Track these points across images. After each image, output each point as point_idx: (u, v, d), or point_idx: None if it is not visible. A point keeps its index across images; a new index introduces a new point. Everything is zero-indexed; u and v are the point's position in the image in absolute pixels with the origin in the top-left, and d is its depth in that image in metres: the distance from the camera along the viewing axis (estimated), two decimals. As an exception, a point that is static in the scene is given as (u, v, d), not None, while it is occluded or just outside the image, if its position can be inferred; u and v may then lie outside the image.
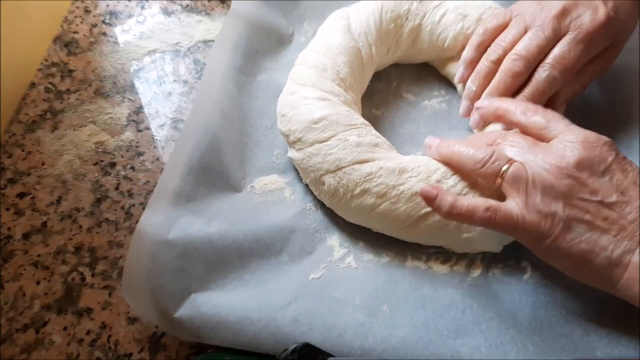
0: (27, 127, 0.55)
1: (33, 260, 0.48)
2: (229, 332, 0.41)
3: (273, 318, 0.41)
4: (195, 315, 0.42)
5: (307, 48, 0.53)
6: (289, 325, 0.41)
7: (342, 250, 0.47)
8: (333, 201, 0.46)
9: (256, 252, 0.45)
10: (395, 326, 0.42)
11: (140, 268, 0.43)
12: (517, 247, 0.46)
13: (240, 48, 0.55)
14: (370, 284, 0.44)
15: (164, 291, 0.42)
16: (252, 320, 0.41)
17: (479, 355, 0.41)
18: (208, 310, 0.42)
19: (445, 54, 0.55)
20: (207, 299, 0.42)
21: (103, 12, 0.63)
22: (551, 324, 0.42)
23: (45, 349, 0.44)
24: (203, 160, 0.48)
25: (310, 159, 0.46)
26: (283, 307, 0.42)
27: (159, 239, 0.43)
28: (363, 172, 0.45)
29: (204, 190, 0.47)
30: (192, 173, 0.47)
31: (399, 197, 0.44)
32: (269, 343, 0.41)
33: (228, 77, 0.53)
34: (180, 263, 0.43)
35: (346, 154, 0.45)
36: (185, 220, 0.45)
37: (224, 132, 0.50)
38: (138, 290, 0.43)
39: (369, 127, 0.48)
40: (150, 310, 0.42)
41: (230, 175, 0.49)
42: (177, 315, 0.42)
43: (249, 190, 0.49)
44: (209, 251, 0.44)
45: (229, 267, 0.44)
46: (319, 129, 0.46)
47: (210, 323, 0.41)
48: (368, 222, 0.46)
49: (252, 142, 0.52)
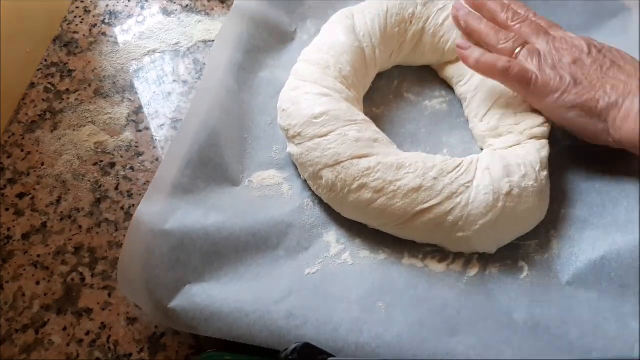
0: (27, 127, 0.55)
1: (33, 260, 0.48)
2: (223, 323, 0.41)
3: (267, 311, 0.41)
4: (190, 306, 0.42)
5: (311, 45, 0.53)
6: (283, 319, 0.41)
7: (339, 246, 0.47)
8: (331, 196, 0.47)
9: (252, 245, 0.45)
10: (391, 323, 0.42)
11: (135, 258, 0.43)
12: (514, 247, 0.46)
13: (242, 45, 0.55)
14: (366, 280, 0.44)
15: (158, 281, 0.42)
16: (246, 313, 0.41)
17: (473, 355, 0.41)
18: (202, 301, 0.42)
19: (445, 58, 0.55)
20: (201, 291, 0.42)
21: (103, 12, 0.63)
22: (547, 325, 0.42)
23: (45, 350, 0.45)
24: (202, 153, 0.48)
25: (309, 154, 0.47)
26: (278, 301, 0.42)
27: (155, 230, 0.44)
28: (361, 166, 0.45)
29: (202, 183, 0.48)
30: (191, 166, 0.47)
31: (396, 192, 0.44)
32: (263, 336, 0.41)
33: (229, 73, 0.53)
34: (175, 254, 0.43)
35: (345, 149, 0.45)
36: (182, 211, 0.45)
37: (224, 127, 0.50)
38: (133, 280, 0.43)
39: (369, 122, 0.48)
40: (145, 301, 0.43)
41: (228, 169, 0.49)
42: (172, 306, 0.42)
43: (246, 184, 0.50)
44: (205, 243, 0.44)
45: (225, 260, 0.44)
46: (319, 123, 0.47)
47: (204, 314, 0.41)
48: (365, 217, 0.47)
49: (251, 137, 0.52)
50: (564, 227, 0.47)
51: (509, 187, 0.44)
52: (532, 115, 0.49)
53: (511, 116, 0.49)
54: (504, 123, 0.49)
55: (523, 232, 0.46)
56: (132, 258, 0.43)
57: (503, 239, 0.46)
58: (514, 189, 0.44)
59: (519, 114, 0.49)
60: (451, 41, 0.53)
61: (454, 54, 0.53)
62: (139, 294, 0.43)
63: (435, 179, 0.44)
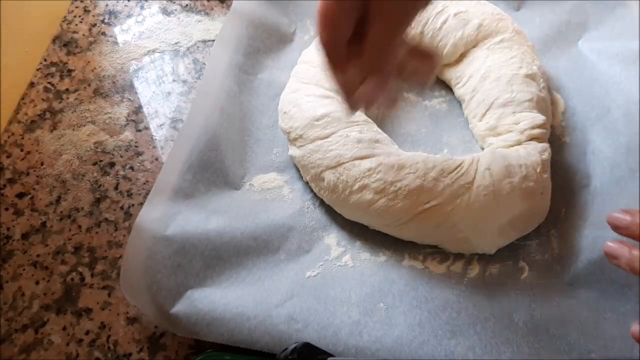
0: (26, 126, 0.55)
1: (32, 260, 0.48)
2: (225, 328, 0.41)
3: (268, 315, 0.42)
4: (192, 311, 0.42)
5: (311, 46, 0.53)
6: (284, 323, 0.41)
7: (340, 249, 0.47)
8: (332, 197, 0.47)
9: (253, 249, 0.45)
10: (390, 325, 0.42)
11: (137, 264, 0.43)
12: (514, 248, 0.46)
13: (241, 46, 0.55)
14: (366, 282, 0.44)
15: (160, 287, 0.42)
16: (247, 317, 0.41)
17: (472, 356, 0.41)
18: (204, 306, 0.42)
19: (443, 61, 0.55)
20: (203, 296, 0.43)
21: (102, 12, 0.63)
22: (547, 326, 0.42)
23: (45, 349, 0.44)
24: (202, 157, 0.48)
25: (310, 156, 0.47)
26: (278, 305, 0.42)
27: (156, 235, 0.44)
28: (363, 167, 0.45)
29: (203, 187, 0.48)
30: (191, 170, 0.47)
31: (397, 193, 0.44)
32: (264, 340, 0.41)
33: (229, 75, 0.53)
34: (177, 259, 0.43)
35: (347, 150, 0.46)
36: (183, 216, 0.45)
37: (224, 130, 0.50)
38: (136, 285, 0.43)
39: (370, 123, 0.48)
40: (147, 306, 0.43)
41: (229, 172, 0.49)
42: (174, 312, 0.42)
43: (247, 188, 0.50)
44: (206, 248, 0.44)
45: (226, 264, 0.44)
46: (320, 125, 0.47)
47: (206, 319, 0.41)
48: (366, 218, 0.47)
49: (251, 140, 0.52)
50: (564, 227, 0.47)
51: (510, 188, 0.44)
52: (532, 114, 0.49)
53: (510, 115, 0.49)
54: (503, 122, 0.49)
55: (523, 233, 0.46)
56: (134, 263, 0.43)
57: (503, 240, 0.46)
58: (514, 190, 0.44)
59: (518, 113, 0.49)
60: (449, 45, 0.53)
61: (452, 57, 0.54)
62: (142, 299, 0.43)
63: (436, 179, 0.44)
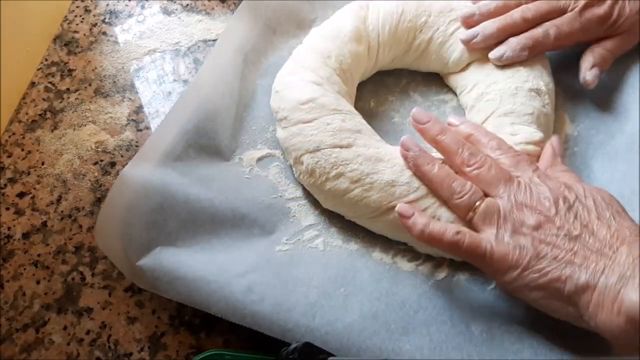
0: (27, 126, 0.55)
1: (33, 259, 0.48)
2: (184, 288, 0.42)
3: (228, 283, 0.42)
4: (156, 266, 0.43)
5: (320, 28, 0.53)
6: (241, 293, 0.42)
7: (314, 232, 0.47)
8: (310, 181, 0.47)
9: (229, 219, 0.46)
10: (345, 312, 0.42)
11: (115, 214, 0.44)
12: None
13: (257, 26, 0.56)
14: (331, 268, 0.45)
15: (132, 239, 0.43)
16: (207, 281, 0.42)
17: (419, 356, 0.40)
18: (169, 264, 0.43)
19: (449, 69, 0.54)
20: (171, 254, 0.43)
21: (103, 12, 0.63)
22: (502, 339, 0.41)
23: (45, 349, 0.44)
24: (198, 124, 0.49)
25: (292, 138, 0.47)
26: (240, 275, 0.43)
27: (138, 191, 0.44)
28: (340, 156, 0.45)
29: (193, 153, 0.48)
30: (185, 135, 0.48)
31: (372, 185, 0.44)
32: (219, 306, 0.41)
33: (239, 51, 0.54)
34: (153, 216, 0.44)
35: (327, 137, 0.46)
36: (168, 177, 0.46)
37: (224, 103, 0.51)
38: (109, 234, 0.44)
39: (355, 114, 0.49)
40: (116, 255, 0.44)
41: (221, 144, 0.50)
42: (139, 264, 0.43)
43: (237, 161, 0.50)
44: (183, 210, 0.45)
45: (199, 229, 0.45)
46: (305, 109, 0.47)
47: (168, 277, 0.42)
48: (341, 207, 0.47)
49: (250, 117, 0.53)
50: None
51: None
52: (530, 129, 0.48)
53: (508, 126, 0.49)
54: (499, 131, 0.48)
55: None
56: (113, 213, 0.44)
57: None
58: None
59: (516, 125, 0.49)
60: (456, 53, 0.53)
61: (457, 66, 0.53)
62: (113, 248, 0.44)
63: (412, 176, 0.45)
